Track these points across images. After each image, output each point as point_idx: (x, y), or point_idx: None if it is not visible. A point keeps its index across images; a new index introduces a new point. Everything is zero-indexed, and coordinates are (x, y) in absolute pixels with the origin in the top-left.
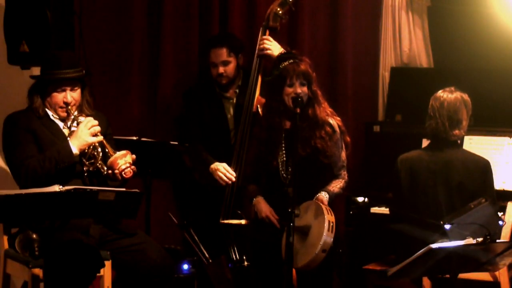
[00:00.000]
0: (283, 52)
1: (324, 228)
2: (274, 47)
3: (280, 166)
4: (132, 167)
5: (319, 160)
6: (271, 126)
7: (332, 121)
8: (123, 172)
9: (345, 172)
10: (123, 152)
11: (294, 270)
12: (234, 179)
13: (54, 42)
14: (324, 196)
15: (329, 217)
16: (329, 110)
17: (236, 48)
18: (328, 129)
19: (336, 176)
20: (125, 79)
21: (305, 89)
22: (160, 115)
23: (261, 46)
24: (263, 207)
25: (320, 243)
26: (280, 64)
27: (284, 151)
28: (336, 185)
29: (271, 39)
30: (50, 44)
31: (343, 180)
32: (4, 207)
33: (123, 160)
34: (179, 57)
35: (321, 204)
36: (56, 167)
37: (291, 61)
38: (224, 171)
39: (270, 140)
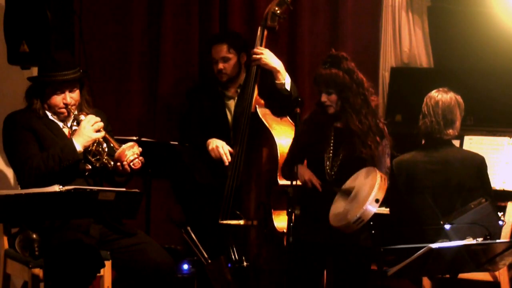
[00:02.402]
0: (332, 53)
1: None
2: (265, 56)
3: (326, 162)
4: (140, 158)
5: (364, 164)
6: (318, 125)
7: (380, 125)
8: (131, 164)
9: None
10: (130, 143)
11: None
12: (228, 158)
13: (54, 42)
14: None
15: (381, 185)
16: (379, 116)
17: (237, 46)
18: (377, 138)
19: None
20: (125, 79)
21: (332, 97)
22: (160, 115)
23: (254, 55)
24: (305, 171)
25: (357, 215)
26: (318, 68)
27: (332, 149)
28: None
29: (261, 48)
30: (50, 44)
31: None
32: (4, 207)
33: (131, 151)
34: (179, 57)
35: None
36: (60, 165)
37: (325, 66)
38: (222, 150)
39: (317, 135)
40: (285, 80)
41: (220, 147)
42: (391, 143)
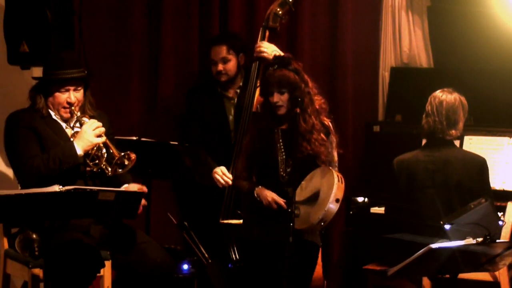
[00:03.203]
0: (277, 55)
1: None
2: (268, 49)
3: (280, 165)
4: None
5: (315, 163)
6: (265, 127)
7: (325, 123)
8: None
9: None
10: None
11: None
12: (230, 183)
13: (54, 42)
14: None
15: (339, 185)
16: (324, 114)
17: (236, 47)
18: (322, 135)
19: None
20: (125, 79)
21: (284, 97)
22: (160, 115)
23: (256, 49)
24: (268, 192)
25: (319, 217)
26: (267, 70)
27: (283, 151)
28: None
29: (264, 42)
30: (50, 44)
31: None
32: (4, 207)
33: None
34: (179, 57)
35: (329, 167)
36: (60, 168)
37: (274, 67)
38: (221, 174)
39: (264, 140)
40: None
41: (219, 172)
42: (338, 140)
